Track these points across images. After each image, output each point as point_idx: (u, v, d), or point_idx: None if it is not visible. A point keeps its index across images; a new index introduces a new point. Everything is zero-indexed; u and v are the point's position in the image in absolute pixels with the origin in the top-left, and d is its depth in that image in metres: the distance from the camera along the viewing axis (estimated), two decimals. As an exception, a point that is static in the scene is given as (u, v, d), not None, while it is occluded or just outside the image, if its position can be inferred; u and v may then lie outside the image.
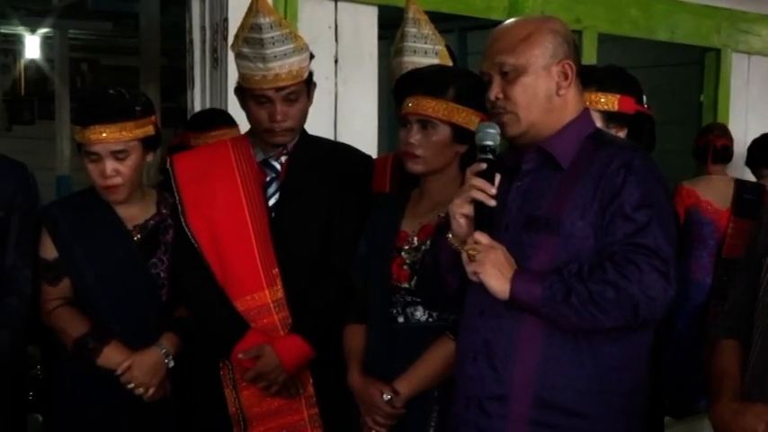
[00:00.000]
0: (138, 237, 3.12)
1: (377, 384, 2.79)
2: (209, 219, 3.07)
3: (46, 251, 3.08)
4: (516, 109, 2.44)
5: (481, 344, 2.46)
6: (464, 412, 2.49)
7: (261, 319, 3.04)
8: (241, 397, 3.08)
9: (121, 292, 3.07)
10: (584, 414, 2.40)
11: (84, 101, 3.16)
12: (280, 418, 3.08)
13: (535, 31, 2.46)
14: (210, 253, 3.06)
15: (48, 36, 9.37)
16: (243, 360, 3.01)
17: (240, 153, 3.15)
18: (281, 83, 3.00)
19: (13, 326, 3.00)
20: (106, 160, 2.98)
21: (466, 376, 2.50)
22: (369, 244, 2.96)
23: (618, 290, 2.27)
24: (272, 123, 3.04)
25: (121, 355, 2.99)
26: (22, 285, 3.03)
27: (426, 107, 2.81)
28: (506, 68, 2.43)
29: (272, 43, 2.97)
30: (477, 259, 2.34)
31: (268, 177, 3.14)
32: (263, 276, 3.05)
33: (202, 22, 4.75)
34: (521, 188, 2.48)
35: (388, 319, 2.85)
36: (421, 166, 2.84)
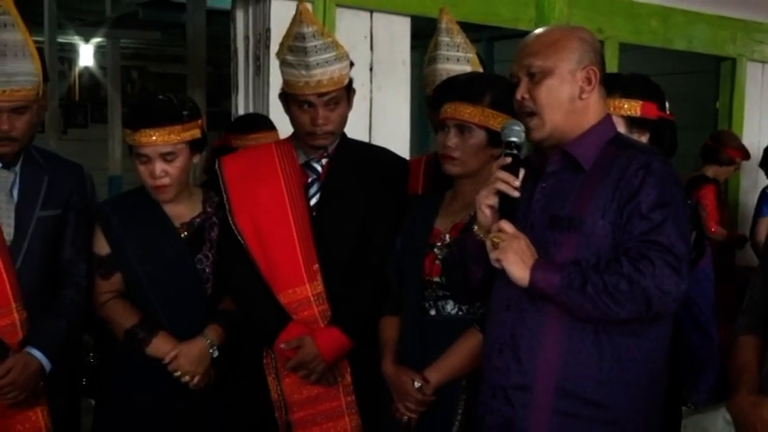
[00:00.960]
0: (185, 234, 3.13)
1: (408, 373, 2.81)
2: (255, 217, 3.08)
3: (99, 247, 3.10)
4: (540, 109, 2.45)
5: (507, 337, 2.47)
6: (490, 401, 2.50)
7: (302, 312, 3.06)
8: (283, 384, 3.10)
9: (169, 286, 3.08)
10: (605, 404, 2.39)
11: (136, 106, 3.19)
12: (319, 404, 3.10)
13: (563, 37, 2.48)
14: (256, 249, 3.07)
15: (101, 45, 9.42)
16: (284, 350, 3.02)
17: (283, 155, 3.16)
18: (322, 89, 3.02)
19: (69, 316, 3.01)
20: (155, 162, 3.00)
21: (492, 367, 2.51)
22: (404, 241, 2.97)
23: (632, 282, 2.27)
24: (314, 127, 3.05)
25: (169, 345, 3.01)
26: (78, 278, 3.05)
27: (463, 112, 2.82)
28: (534, 70, 2.45)
29: (315, 51, 2.99)
30: (500, 247, 2.36)
31: (309, 179, 3.15)
32: (305, 272, 3.05)
33: (246, 32, 4.76)
34: (545, 189, 2.48)
35: (421, 311, 2.86)
36: (457, 168, 2.85)
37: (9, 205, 2.96)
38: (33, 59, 2.90)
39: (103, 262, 3.09)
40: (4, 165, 2.97)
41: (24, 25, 2.91)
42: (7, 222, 2.94)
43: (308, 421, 3.09)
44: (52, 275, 3.04)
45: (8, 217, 2.95)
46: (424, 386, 2.78)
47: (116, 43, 8.17)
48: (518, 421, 2.44)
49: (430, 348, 2.82)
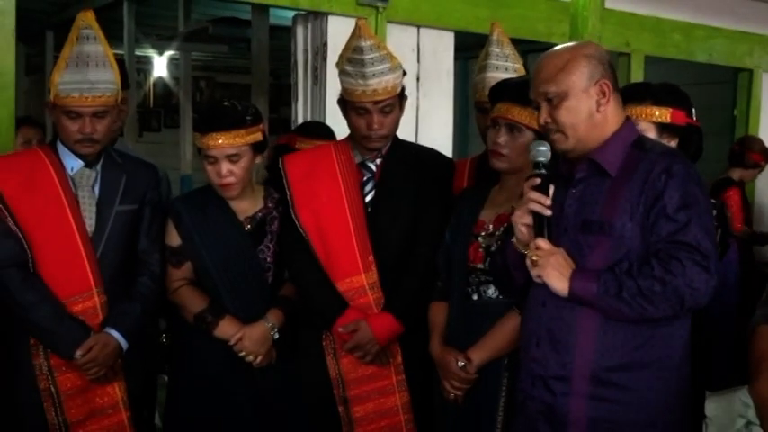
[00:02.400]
0: (249, 227, 3.13)
1: (452, 353, 2.81)
2: (315, 212, 3.09)
3: (171, 239, 3.11)
4: (563, 129, 2.41)
5: (544, 331, 2.45)
6: (531, 389, 2.48)
7: (358, 299, 3.06)
8: (340, 364, 3.10)
9: (234, 274, 3.08)
10: (636, 388, 2.37)
11: (204, 112, 3.21)
12: (373, 382, 3.10)
13: (571, 59, 2.42)
14: (316, 242, 3.08)
15: (173, 57, 9.47)
16: (342, 333, 3.03)
17: (341, 155, 3.17)
18: (377, 97, 3.02)
19: (145, 300, 3.03)
20: (222, 162, 3.00)
21: (530, 358, 2.49)
22: (452, 232, 2.95)
23: (664, 284, 2.24)
24: (370, 131, 3.06)
25: (234, 328, 3.01)
26: (152, 267, 3.07)
27: (514, 113, 2.81)
28: (550, 96, 2.41)
29: (372, 63, 3.00)
30: (539, 264, 2.35)
31: (365, 177, 3.16)
32: (360, 262, 3.06)
33: (305, 46, 4.77)
34: (575, 195, 2.45)
35: (465, 296, 2.85)
36: (504, 164, 2.83)
37: (91, 200, 2.98)
38: (113, 69, 2.93)
39: (175, 252, 3.10)
40: (87, 164, 2.99)
41: (104, 38, 2.93)
42: (89, 216, 2.96)
43: (363, 397, 3.10)
44: (129, 264, 3.05)
45: (90, 211, 2.97)
46: (467, 365, 2.78)
47: (188, 56, 8.20)
48: (558, 407, 2.42)
49: (473, 330, 2.81)
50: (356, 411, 3.10)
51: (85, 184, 2.98)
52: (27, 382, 2.92)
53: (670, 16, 5.88)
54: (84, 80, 2.85)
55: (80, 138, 2.90)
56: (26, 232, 2.87)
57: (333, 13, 4.64)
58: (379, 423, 3.10)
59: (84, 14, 2.90)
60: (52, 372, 2.91)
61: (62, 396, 2.92)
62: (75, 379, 2.92)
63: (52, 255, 2.89)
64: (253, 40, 6.26)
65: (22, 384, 2.93)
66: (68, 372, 2.91)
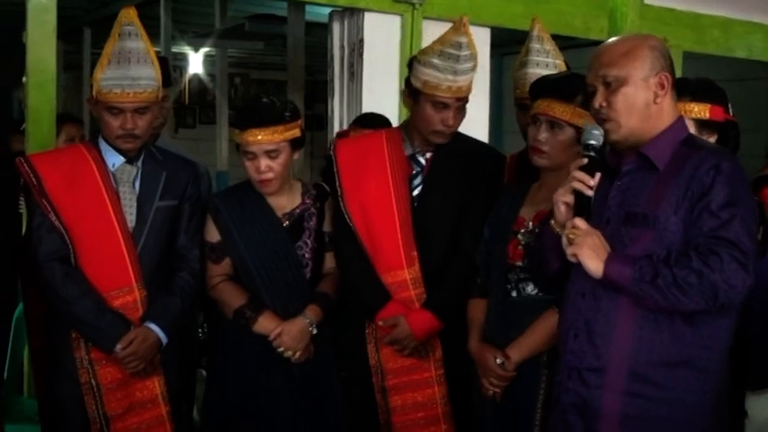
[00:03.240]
0: (287, 223, 3.14)
1: (491, 350, 2.81)
2: (363, 204, 3.10)
3: (210, 235, 3.12)
4: (617, 116, 2.39)
5: (582, 322, 2.43)
6: (566, 381, 2.47)
7: (400, 293, 3.07)
8: (381, 353, 3.12)
9: (272, 270, 3.09)
10: (673, 386, 2.35)
11: (243, 108, 3.20)
12: (412, 373, 3.11)
13: (635, 46, 2.41)
14: (363, 233, 3.10)
15: (208, 54, 9.51)
16: (382, 326, 3.05)
17: (392, 146, 3.17)
18: (461, 94, 3.05)
19: (184, 295, 3.04)
20: (260, 158, 3.01)
21: (568, 350, 2.47)
22: (491, 229, 2.94)
23: (700, 276, 2.21)
24: (444, 127, 3.06)
25: (273, 324, 3.02)
26: (192, 263, 3.07)
27: (555, 109, 2.79)
28: (609, 79, 2.39)
29: (465, 60, 3.02)
30: (576, 242, 2.32)
31: (414, 171, 3.15)
32: (404, 257, 3.07)
33: (341, 42, 4.76)
34: (620, 187, 2.43)
35: (504, 293, 2.84)
36: (545, 161, 2.82)
37: (132, 196, 3.00)
38: (154, 65, 2.94)
39: (214, 248, 3.11)
40: (128, 160, 3.01)
41: (146, 35, 2.95)
42: (130, 211, 2.98)
43: (401, 388, 3.11)
44: (168, 259, 3.07)
45: (131, 206, 2.99)
46: (506, 362, 2.77)
47: (224, 53, 8.23)
48: (592, 401, 2.41)
49: (512, 327, 2.81)
50: (394, 401, 3.12)
51: (126, 180, 2.99)
52: (68, 375, 2.95)
53: (708, 12, 5.81)
54: (125, 76, 2.87)
55: (121, 133, 2.92)
56: (68, 227, 2.89)
57: (369, 9, 4.63)
58: (417, 414, 3.12)
59: (127, 11, 2.92)
60: (93, 365, 2.94)
61: (102, 389, 2.94)
62: (115, 373, 2.94)
63: (94, 249, 2.92)
64: (288, 36, 6.27)
65: (64, 378, 2.96)
66: (109, 365, 2.93)
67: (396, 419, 3.13)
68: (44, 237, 2.90)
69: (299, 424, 3.11)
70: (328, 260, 3.20)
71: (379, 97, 4.62)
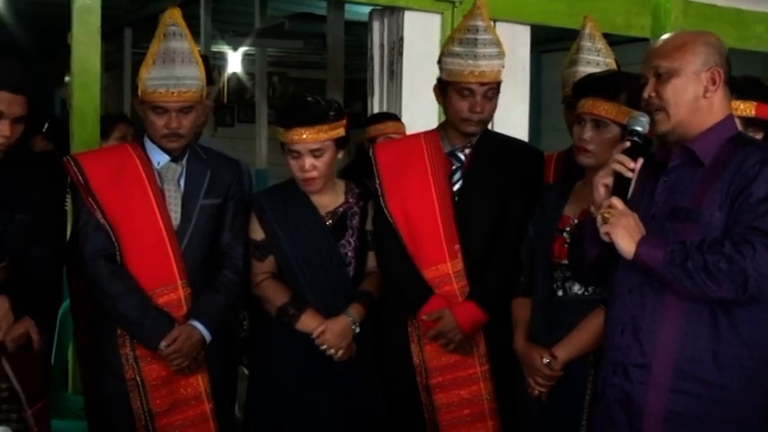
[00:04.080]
0: (330, 221, 3.13)
1: (537, 349, 2.79)
2: (403, 201, 3.10)
3: (255, 233, 3.12)
4: (666, 106, 2.38)
5: (629, 318, 2.42)
6: (611, 377, 2.46)
7: (443, 287, 3.06)
8: (424, 351, 3.11)
9: (316, 268, 3.09)
10: (720, 385, 2.32)
11: (288, 107, 3.20)
12: (456, 371, 3.10)
13: (690, 41, 2.41)
14: (404, 230, 3.09)
15: (247, 53, 9.55)
16: (426, 321, 3.03)
17: (431, 145, 3.18)
18: (485, 79, 3.04)
19: (228, 293, 3.04)
20: (305, 157, 3.00)
21: (614, 345, 2.46)
22: (535, 227, 2.92)
23: (731, 263, 2.19)
24: (471, 114, 3.06)
25: (316, 322, 3.02)
26: (235, 261, 3.08)
27: (600, 108, 2.76)
28: (661, 71, 2.39)
29: (484, 44, 3.04)
30: (610, 222, 2.32)
31: (454, 166, 3.15)
32: (447, 251, 3.06)
33: (381, 41, 4.76)
34: (667, 183, 2.42)
35: (549, 292, 2.82)
36: (591, 160, 2.79)
37: (176, 194, 3.01)
38: (198, 65, 2.95)
39: (258, 246, 3.12)
40: (173, 159, 3.02)
41: (190, 35, 2.96)
42: (174, 209, 3.00)
43: (446, 385, 3.10)
44: (212, 258, 3.07)
45: (176, 205, 3.00)
46: (552, 362, 2.75)
47: (264, 51, 8.27)
48: (636, 397, 2.39)
49: (557, 326, 2.78)
50: (439, 399, 3.11)
51: (171, 178, 3.01)
52: (114, 372, 2.97)
53: (752, 8, 5.73)
54: (170, 76, 2.88)
55: (166, 132, 2.93)
56: (114, 225, 2.91)
57: (409, 8, 4.63)
58: (462, 411, 3.11)
59: (171, 11, 2.93)
60: (138, 362, 2.95)
61: (147, 386, 2.95)
62: (160, 369, 2.95)
63: (139, 247, 2.93)
64: (328, 35, 6.28)
65: (109, 374, 2.98)
66: (154, 362, 2.95)
67: (441, 417, 3.12)
68: (90, 235, 2.92)
69: (342, 422, 3.10)
70: (371, 259, 3.19)
71: (419, 96, 4.60)
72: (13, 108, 2.78)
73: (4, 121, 2.76)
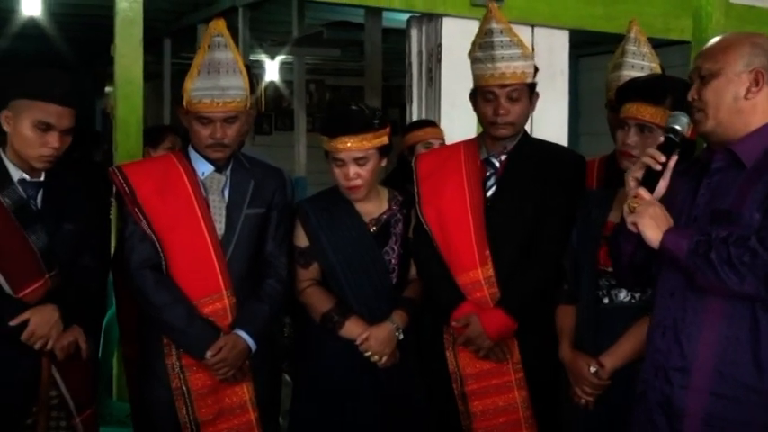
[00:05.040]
0: (374, 229, 3.13)
1: (584, 358, 2.76)
2: (438, 208, 3.10)
3: (299, 240, 3.13)
4: (706, 107, 2.36)
5: (670, 321, 2.39)
6: (652, 380, 2.43)
7: (474, 293, 3.05)
8: (459, 358, 3.11)
9: (360, 275, 3.09)
10: (762, 389, 2.27)
11: (332, 116, 3.19)
12: (491, 378, 3.09)
13: (735, 42, 2.37)
14: (438, 236, 3.09)
15: (285, 62, 9.58)
16: (456, 326, 3.03)
17: (468, 152, 3.18)
18: (505, 80, 3.02)
19: (272, 302, 3.04)
20: (349, 165, 3.00)
21: (655, 348, 2.43)
22: (579, 234, 2.89)
23: (755, 256, 2.16)
24: (495, 117, 3.05)
25: (360, 328, 3.01)
26: (279, 270, 3.08)
27: (645, 113, 2.74)
28: (703, 72, 2.37)
29: (501, 46, 3.02)
30: (636, 211, 2.31)
31: (488, 173, 3.14)
32: (477, 256, 3.05)
33: (419, 48, 4.77)
34: (710, 185, 2.39)
35: (595, 300, 2.79)
36: None
37: (221, 204, 3.01)
38: (242, 75, 2.95)
39: (303, 253, 3.12)
40: (217, 169, 3.03)
41: (235, 45, 2.97)
42: (219, 219, 3.00)
43: (481, 393, 3.09)
44: (256, 267, 3.07)
45: (220, 214, 3.00)
46: (600, 371, 2.72)
47: (302, 60, 8.29)
48: (676, 400, 2.36)
49: (603, 335, 2.75)
50: (474, 406, 3.10)
51: (216, 188, 3.01)
52: (160, 380, 2.98)
53: (796, 9, 5.67)
54: (215, 86, 2.89)
55: (211, 142, 2.94)
56: (160, 235, 2.92)
57: (447, 14, 4.63)
58: (498, 419, 3.09)
59: (216, 22, 2.93)
60: (184, 371, 2.96)
61: (193, 395, 2.96)
62: (205, 378, 2.96)
63: (184, 257, 2.94)
64: (366, 42, 6.29)
65: (156, 383, 2.99)
66: (199, 371, 2.95)
67: (477, 425, 3.10)
68: (136, 245, 2.93)
69: (385, 429, 3.09)
70: (414, 266, 3.19)
71: (458, 102, 4.59)
72: (62, 120, 2.81)
73: (53, 133, 2.79)
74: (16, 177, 2.85)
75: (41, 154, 2.81)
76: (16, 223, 2.79)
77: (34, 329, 2.75)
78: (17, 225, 2.79)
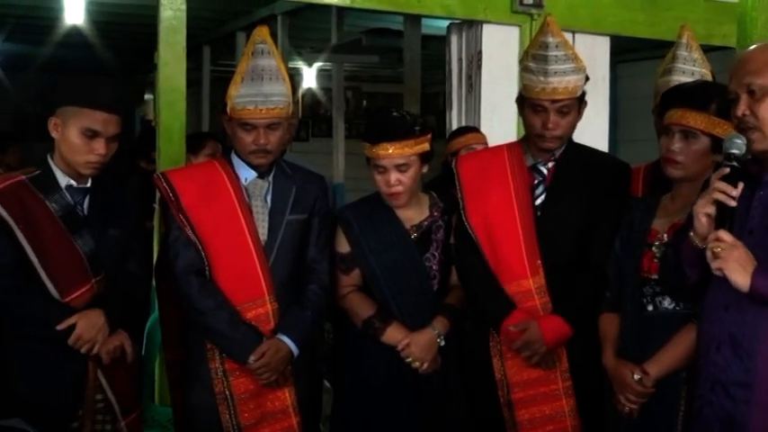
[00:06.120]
0: (415, 235, 3.14)
1: (628, 366, 2.73)
2: (485, 215, 3.09)
3: (341, 246, 3.15)
4: (763, 125, 2.30)
5: (725, 335, 2.35)
6: (709, 394, 2.39)
7: (524, 303, 3.04)
8: (506, 366, 3.09)
9: (401, 281, 3.10)
10: None
11: (374, 122, 3.20)
12: (538, 386, 3.07)
13: None
14: (485, 244, 3.07)
15: (322, 69, 9.62)
16: (512, 332, 3.01)
17: (513, 158, 3.15)
18: (556, 96, 3.00)
19: (314, 308, 3.07)
20: (391, 172, 3.02)
21: (710, 362, 2.39)
22: (622, 241, 2.87)
23: None
24: (544, 130, 3.03)
25: (401, 334, 3.02)
26: (321, 275, 3.10)
27: (689, 118, 2.72)
28: (754, 88, 2.31)
29: (555, 61, 2.99)
30: (721, 256, 2.24)
31: (536, 180, 3.12)
32: (528, 266, 3.03)
33: (459, 55, 4.78)
34: (763, 197, 2.35)
35: (639, 307, 2.77)
36: (679, 172, 2.74)
37: (264, 210, 3.04)
38: (285, 82, 2.98)
39: (344, 259, 3.14)
40: (260, 175, 3.06)
41: (278, 52, 3.00)
42: (262, 225, 3.03)
43: (528, 401, 3.07)
44: (297, 272, 3.10)
45: (263, 220, 3.04)
46: (644, 378, 2.69)
47: (340, 67, 8.34)
48: (739, 416, 2.32)
49: (648, 342, 2.73)
50: (521, 415, 3.08)
51: (258, 194, 3.05)
52: (203, 385, 3.01)
53: None
54: (258, 93, 2.92)
55: (254, 149, 2.97)
56: (204, 241, 2.96)
57: (487, 21, 4.64)
58: (545, 428, 3.07)
59: (260, 30, 2.97)
60: (227, 376, 2.99)
61: (236, 400, 2.99)
62: (248, 383, 2.99)
63: (228, 262, 2.97)
64: (405, 49, 6.31)
65: (199, 388, 3.02)
66: (242, 376, 2.98)
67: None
68: (181, 251, 2.97)
69: (427, 436, 3.10)
70: (455, 272, 3.19)
71: (498, 109, 4.62)
72: (108, 127, 2.85)
73: (100, 140, 2.83)
74: (63, 183, 2.90)
75: (88, 160, 2.85)
76: (64, 229, 2.84)
77: (81, 333, 2.80)
78: (65, 230, 2.84)
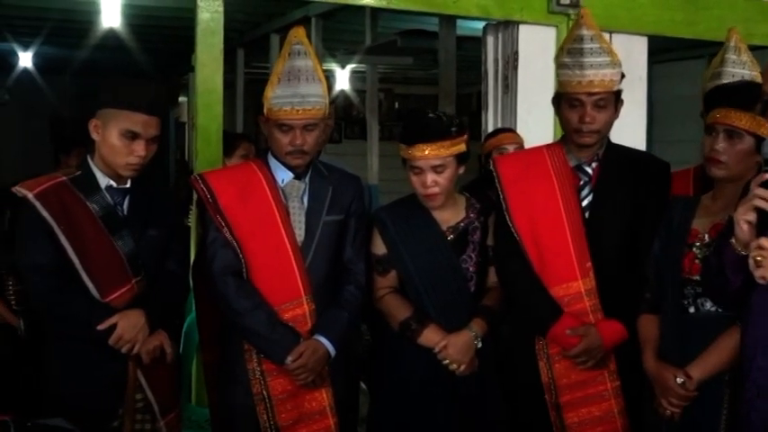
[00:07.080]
0: (451, 236, 3.14)
1: (670, 369, 2.71)
2: (530, 217, 3.07)
3: (377, 247, 3.17)
4: None
5: None
6: (755, 400, 2.35)
7: (573, 305, 3.02)
8: (553, 369, 3.08)
9: (437, 283, 3.10)
10: None
11: (410, 124, 3.20)
12: (587, 388, 3.06)
13: None
14: (530, 246, 3.06)
15: (355, 70, 9.64)
16: (569, 336, 2.99)
17: (555, 158, 3.13)
18: (593, 89, 3.00)
19: (351, 309, 3.09)
20: (427, 173, 3.03)
21: (756, 367, 2.35)
22: (662, 242, 2.86)
23: None
24: (581, 124, 3.03)
25: (438, 336, 3.03)
26: (358, 276, 3.12)
27: (734, 118, 2.70)
28: None
29: (590, 54, 3.00)
30: (763, 264, 2.21)
31: (581, 181, 3.11)
32: (578, 268, 3.02)
33: (495, 55, 4.77)
34: None
35: (680, 309, 2.75)
36: (723, 172, 2.73)
37: (300, 211, 3.07)
38: (322, 83, 3.00)
39: (381, 261, 3.16)
40: (296, 176, 3.08)
41: (315, 53, 3.02)
42: (299, 226, 3.05)
43: (576, 403, 3.06)
44: (334, 273, 3.12)
45: (300, 221, 3.06)
46: (687, 382, 2.67)
47: (374, 69, 8.35)
48: None
49: (689, 345, 2.71)
50: (569, 417, 3.07)
51: (295, 195, 3.07)
52: (241, 386, 3.04)
53: None
54: (295, 94, 2.94)
55: (291, 150, 3.00)
56: (241, 242, 2.98)
57: (524, 21, 4.62)
58: (595, 429, 3.06)
59: (296, 30, 2.98)
60: (265, 376, 3.01)
61: (274, 400, 3.01)
62: (285, 384, 3.01)
63: (265, 263, 3.00)
64: (440, 50, 6.30)
65: (237, 388, 3.05)
66: (280, 377, 3.00)
67: None
68: (218, 252, 3.00)
69: (464, 438, 3.10)
70: (492, 274, 3.19)
71: (534, 110, 4.60)
72: (148, 129, 2.89)
73: (140, 142, 2.87)
74: (104, 184, 2.94)
75: (128, 162, 2.89)
76: (104, 229, 2.89)
77: (121, 333, 2.84)
78: (105, 231, 2.89)
